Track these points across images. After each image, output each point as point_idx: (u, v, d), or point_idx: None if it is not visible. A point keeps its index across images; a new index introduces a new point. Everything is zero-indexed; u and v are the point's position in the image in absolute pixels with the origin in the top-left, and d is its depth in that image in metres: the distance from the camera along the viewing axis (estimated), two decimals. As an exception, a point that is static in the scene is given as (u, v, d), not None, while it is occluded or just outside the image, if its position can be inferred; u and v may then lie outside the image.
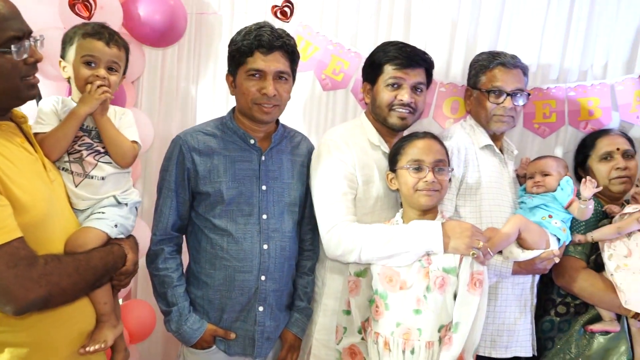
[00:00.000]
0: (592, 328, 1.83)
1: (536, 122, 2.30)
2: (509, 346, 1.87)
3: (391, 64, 1.85)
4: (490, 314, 1.85)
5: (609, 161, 1.99)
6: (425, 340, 1.61)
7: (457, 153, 1.87)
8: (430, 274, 1.63)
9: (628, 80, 2.23)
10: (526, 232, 1.75)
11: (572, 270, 1.86)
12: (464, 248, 1.60)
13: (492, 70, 1.94)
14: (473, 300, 1.59)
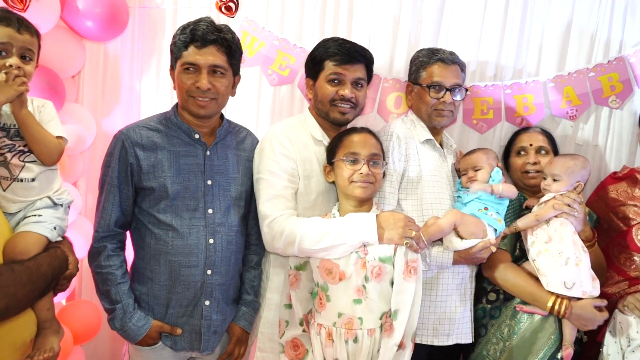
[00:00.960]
0: (523, 308, 1.92)
1: (475, 118, 2.40)
2: (450, 334, 1.95)
3: (331, 60, 1.89)
4: (432, 303, 1.93)
5: (522, 156, 2.09)
6: (367, 328, 1.66)
7: (397, 147, 1.93)
8: (367, 264, 1.67)
9: (558, 78, 2.35)
10: (462, 225, 1.83)
11: (496, 262, 1.95)
12: (397, 238, 1.66)
13: (432, 66, 2.00)
14: (409, 287, 1.65)
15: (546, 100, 2.37)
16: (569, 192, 1.91)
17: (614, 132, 2.38)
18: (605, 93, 2.34)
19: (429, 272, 1.92)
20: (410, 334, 1.66)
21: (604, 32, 2.35)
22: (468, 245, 1.83)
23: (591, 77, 2.33)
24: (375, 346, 1.66)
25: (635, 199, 2.04)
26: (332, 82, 1.89)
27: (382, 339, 1.64)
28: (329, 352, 1.68)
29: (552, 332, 1.87)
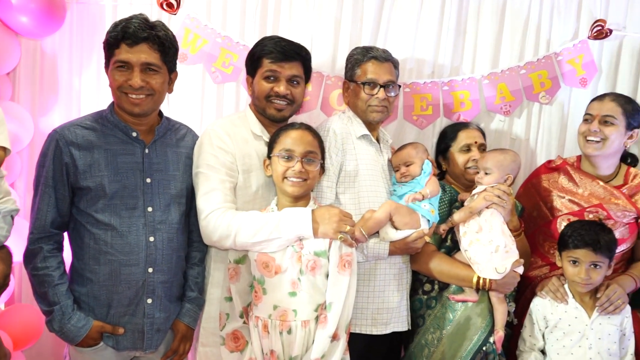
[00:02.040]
0: (454, 297, 2.01)
1: (415, 114, 2.48)
2: (388, 323, 2.02)
3: (267, 58, 1.92)
4: (370, 294, 1.99)
5: (467, 153, 2.16)
6: (301, 320, 1.70)
7: (334, 143, 1.98)
8: (303, 257, 1.71)
9: (492, 75, 2.47)
10: (397, 215, 1.89)
11: (424, 255, 2.03)
12: (332, 232, 1.70)
13: (366, 63, 2.05)
14: (343, 280, 1.69)
15: (481, 97, 2.48)
16: (499, 184, 2.00)
17: (544, 127, 2.52)
18: (535, 89, 2.47)
19: (367, 263, 1.98)
20: (344, 325, 1.70)
21: (533, 31, 2.47)
22: (403, 235, 1.90)
23: (522, 74, 2.46)
24: (310, 337, 1.70)
25: (564, 190, 2.16)
26: (268, 79, 1.93)
27: (316, 331, 1.68)
28: (265, 343, 1.72)
29: (485, 318, 1.97)
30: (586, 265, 1.86)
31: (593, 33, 2.44)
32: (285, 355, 1.71)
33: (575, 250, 1.88)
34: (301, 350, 1.69)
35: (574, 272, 1.89)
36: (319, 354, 1.65)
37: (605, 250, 1.85)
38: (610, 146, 2.06)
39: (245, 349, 1.82)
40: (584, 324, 1.89)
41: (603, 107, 2.07)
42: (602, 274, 1.87)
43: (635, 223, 2.07)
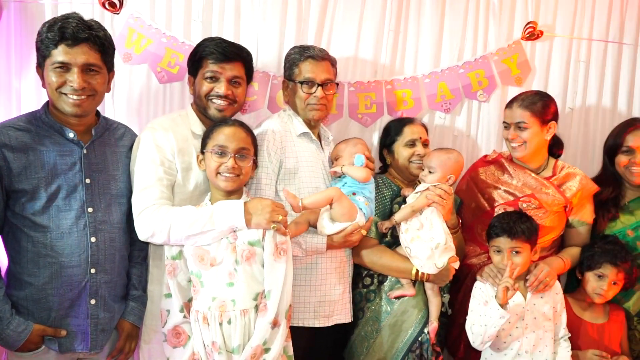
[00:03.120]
0: (392, 294, 2.08)
1: (359, 112, 2.54)
2: (330, 315, 2.07)
3: (209, 58, 1.95)
4: (312, 287, 2.04)
5: (412, 147, 2.22)
6: (240, 309, 1.72)
7: (273, 141, 2.02)
8: (237, 248, 1.74)
9: (433, 74, 2.56)
10: (338, 203, 1.93)
11: (365, 249, 2.10)
12: (265, 223, 1.73)
13: (303, 62, 2.10)
14: (279, 267, 1.73)
15: (423, 95, 2.56)
16: (441, 184, 2.08)
17: (484, 123, 2.63)
18: (474, 88, 2.58)
19: (307, 258, 2.02)
20: (283, 312, 1.73)
21: (471, 32, 2.58)
22: (339, 228, 1.95)
23: (461, 73, 2.56)
24: (250, 326, 1.72)
25: (500, 182, 2.26)
26: (209, 79, 1.96)
27: (257, 319, 1.71)
28: (206, 335, 1.73)
29: (420, 310, 2.05)
30: (507, 252, 1.97)
31: (525, 34, 2.57)
32: (227, 345, 1.72)
33: (496, 239, 2.00)
34: (242, 340, 1.71)
35: (498, 259, 2.00)
36: (260, 341, 1.68)
37: (522, 236, 1.95)
38: (531, 147, 2.18)
39: (187, 344, 1.83)
40: (520, 306, 1.99)
41: (514, 115, 2.17)
42: (525, 259, 1.97)
43: (564, 211, 2.19)
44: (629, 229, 2.20)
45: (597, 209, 2.25)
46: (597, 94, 2.67)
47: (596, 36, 2.64)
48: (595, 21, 2.64)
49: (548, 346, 1.97)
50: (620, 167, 2.22)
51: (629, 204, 2.25)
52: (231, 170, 1.78)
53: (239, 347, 1.71)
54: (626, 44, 2.65)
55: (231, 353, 1.71)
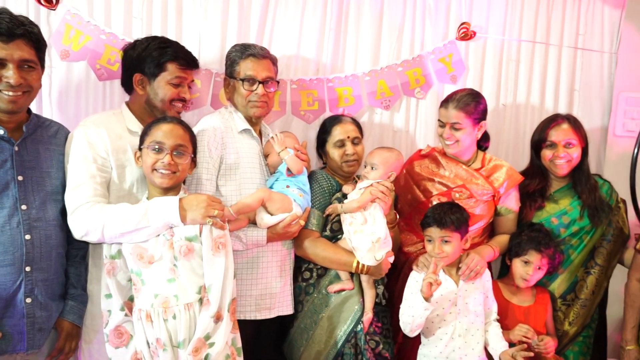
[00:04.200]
0: (332, 289, 2.14)
1: (302, 109, 2.60)
2: (272, 307, 2.11)
3: (176, 63, 2.00)
4: (253, 281, 2.08)
5: (341, 148, 2.26)
6: (184, 304, 1.74)
7: (214, 137, 2.04)
8: (175, 244, 1.75)
9: (372, 72, 2.64)
10: (270, 201, 2.00)
11: (307, 241, 2.15)
12: (200, 218, 1.74)
13: (244, 60, 2.13)
14: (219, 262, 1.76)
15: (363, 92, 2.64)
16: (383, 180, 2.16)
17: (421, 119, 2.74)
18: (411, 85, 2.68)
19: (250, 252, 2.07)
20: (226, 305, 1.75)
21: (408, 32, 2.68)
22: (277, 219, 2.01)
23: (399, 71, 2.66)
24: (195, 319, 1.74)
25: (434, 174, 2.37)
26: (175, 85, 2.00)
27: (200, 313, 1.73)
28: (149, 332, 1.74)
29: (357, 302, 2.12)
30: (438, 241, 2.07)
31: (460, 34, 2.70)
32: (173, 340, 1.73)
33: (428, 229, 2.10)
34: (188, 334, 1.72)
35: (430, 248, 2.10)
36: (202, 334, 1.71)
37: (452, 226, 2.05)
38: (464, 144, 2.29)
39: (130, 343, 1.82)
40: (453, 292, 2.10)
41: (449, 115, 2.26)
42: (455, 247, 2.07)
43: (492, 200, 2.32)
44: (553, 217, 2.35)
45: (525, 199, 2.39)
46: (527, 92, 2.83)
47: (525, 37, 2.80)
48: (524, 23, 2.79)
49: (479, 330, 2.08)
50: (545, 161, 2.36)
51: (554, 194, 2.40)
52: (167, 167, 1.78)
53: (184, 341, 1.72)
54: (552, 45, 2.82)
55: (177, 348, 1.72)
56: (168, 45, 2.03)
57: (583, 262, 2.35)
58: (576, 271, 2.35)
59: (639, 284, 2.27)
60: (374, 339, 2.15)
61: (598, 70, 2.87)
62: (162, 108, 2.01)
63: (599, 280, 2.34)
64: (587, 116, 2.86)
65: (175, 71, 1.99)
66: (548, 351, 2.14)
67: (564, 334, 2.31)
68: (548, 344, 2.13)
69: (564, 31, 2.82)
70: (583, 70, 2.85)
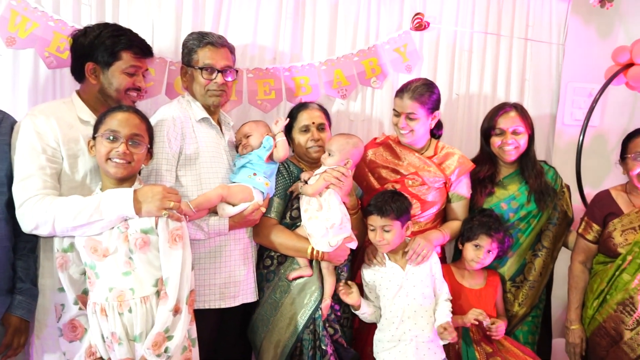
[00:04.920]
0: (291, 275, 2.17)
1: (259, 98, 2.60)
2: (236, 296, 2.13)
3: (131, 52, 1.96)
4: (216, 270, 2.08)
5: (306, 133, 2.29)
6: (140, 297, 1.71)
7: (173, 127, 2.02)
8: (130, 237, 1.72)
9: (329, 62, 2.67)
10: (229, 197, 2.01)
11: (265, 228, 2.18)
12: (155, 210, 1.71)
13: (202, 49, 2.11)
14: (176, 254, 1.72)
15: (320, 82, 2.67)
16: (339, 166, 2.18)
17: (377, 108, 2.78)
18: (367, 75, 2.72)
19: (213, 242, 2.07)
20: (184, 298, 1.73)
21: (364, 22, 2.71)
22: (239, 209, 2.02)
23: (355, 61, 2.69)
24: (152, 313, 1.72)
25: (388, 161, 2.42)
26: (130, 74, 1.97)
27: (158, 306, 1.71)
28: (104, 326, 1.71)
29: (316, 289, 2.15)
30: (379, 230, 2.13)
31: (414, 25, 2.75)
32: (129, 334, 1.71)
33: (369, 218, 2.16)
34: (145, 327, 1.70)
35: (372, 236, 2.16)
36: (161, 328, 1.68)
37: (392, 214, 2.11)
38: (418, 134, 2.34)
39: (84, 337, 1.80)
40: (401, 277, 2.16)
41: (404, 106, 2.29)
42: (395, 235, 2.13)
43: (444, 187, 2.39)
44: (502, 202, 2.44)
45: (475, 186, 2.46)
46: (479, 82, 2.91)
47: (477, 28, 2.87)
48: (476, 14, 2.86)
49: (428, 311, 2.14)
50: (494, 148, 2.44)
51: (503, 180, 2.48)
52: (122, 156, 1.74)
53: (141, 334, 1.70)
54: (503, 36, 2.90)
55: (133, 341, 1.71)
56: (122, 33, 1.98)
57: (531, 245, 2.44)
58: (524, 254, 2.44)
59: (582, 266, 2.38)
60: (333, 326, 2.19)
61: (547, 61, 2.97)
62: (117, 97, 1.97)
63: (545, 262, 2.44)
64: (537, 105, 2.97)
65: (130, 60, 1.95)
66: (499, 334, 2.22)
67: (513, 314, 2.41)
68: (500, 328, 2.22)
69: (514, 22, 2.91)
70: (533, 61, 2.95)
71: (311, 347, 2.13)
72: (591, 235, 2.33)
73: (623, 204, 2.29)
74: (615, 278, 2.24)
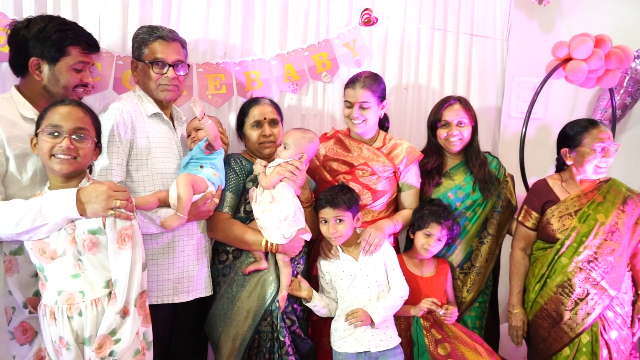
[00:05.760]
0: (247, 269, 2.18)
1: (209, 93, 2.60)
2: (190, 290, 2.12)
3: (78, 47, 1.92)
4: (170, 265, 2.08)
5: (258, 128, 2.30)
6: (90, 299, 1.67)
7: (123, 121, 1.99)
8: (77, 238, 1.66)
9: (280, 56, 2.69)
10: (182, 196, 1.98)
11: (219, 222, 2.19)
12: (101, 211, 1.65)
13: (153, 43, 2.09)
14: (125, 255, 1.68)
15: (271, 76, 2.68)
16: (293, 160, 2.20)
17: (329, 102, 2.83)
18: (318, 69, 2.76)
19: (165, 237, 2.06)
20: (132, 300, 1.69)
21: (314, 17, 2.74)
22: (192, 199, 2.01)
23: (306, 55, 2.72)
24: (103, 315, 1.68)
25: (338, 154, 2.47)
26: (78, 70, 1.93)
27: (107, 308, 1.67)
28: (53, 331, 1.67)
29: (272, 281, 2.17)
30: (332, 221, 2.18)
31: (363, 20, 2.80)
32: (79, 338, 1.67)
33: (321, 211, 2.20)
34: (95, 330, 1.66)
35: (324, 229, 2.21)
36: (107, 331, 1.64)
37: (344, 205, 2.17)
38: (370, 123, 2.41)
39: (34, 340, 1.76)
40: (354, 267, 2.21)
41: (357, 95, 2.35)
42: (348, 226, 2.19)
43: (394, 176, 2.46)
44: (449, 192, 2.52)
45: (424, 177, 2.54)
46: (427, 76, 2.99)
47: (424, 24, 2.95)
48: (423, 10, 2.94)
49: (380, 298, 2.21)
50: (440, 139, 2.52)
51: (450, 171, 2.57)
52: (66, 152, 1.67)
53: (90, 337, 1.66)
54: (449, 32, 2.99)
55: (82, 345, 1.67)
56: (69, 27, 1.92)
57: (477, 233, 2.54)
58: (471, 241, 2.53)
59: (522, 252, 2.48)
60: (290, 317, 2.21)
61: (491, 56, 3.08)
62: (64, 94, 1.91)
63: (491, 248, 2.54)
64: (483, 98, 3.08)
65: (78, 56, 1.91)
66: (452, 319, 2.30)
67: (462, 300, 2.50)
68: (453, 314, 2.30)
69: (460, 18, 3.00)
70: (478, 56, 3.05)
71: (269, 338, 2.16)
72: (530, 223, 2.43)
73: (559, 191, 2.40)
74: (554, 262, 2.34)
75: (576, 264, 2.28)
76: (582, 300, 2.27)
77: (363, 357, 2.15)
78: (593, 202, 2.33)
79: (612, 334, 2.29)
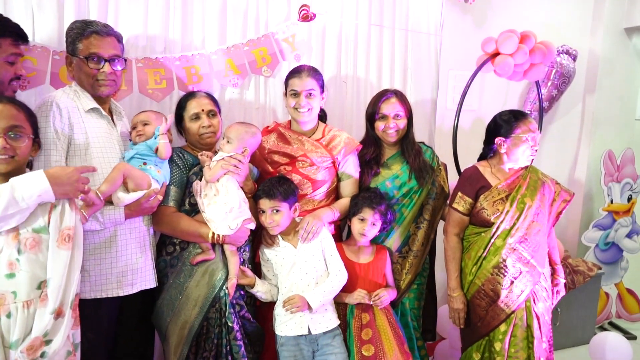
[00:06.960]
0: (195, 260, 2.22)
1: (149, 87, 2.60)
2: (134, 283, 2.14)
3: (10, 39, 1.90)
4: (113, 259, 2.09)
5: (197, 120, 2.33)
6: (22, 301, 1.64)
7: (59, 117, 1.98)
8: (20, 236, 1.65)
9: (219, 51, 2.72)
10: (130, 177, 2.01)
11: (165, 216, 2.21)
12: (73, 192, 1.68)
13: (88, 38, 2.08)
14: (63, 254, 1.66)
15: (211, 71, 2.71)
16: (236, 154, 2.25)
17: (270, 96, 2.88)
18: (258, 64, 2.81)
19: (107, 231, 2.07)
20: (68, 301, 1.68)
21: (253, 12, 2.79)
22: (135, 197, 2.03)
23: (246, 50, 2.77)
24: (33, 318, 1.65)
25: (279, 147, 2.54)
26: (11, 63, 1.91)
27: (38, 309, 1.64)
28: None
29: (220, 269, 2.22)
30: (269, 211, 2.27)
31: (301, 16, 2.87)
32: (5, 341, 1.63)
33: (259, 202, 2.29)
34: (23, 333, 1.63)
35: (262, 219, 2.30)
36: (40, 332, 1.62)
37: (280, 196, 2.26)
38: (315, 112, 2.51)
39: None
40: (293, 254, 2.30)
41: (304, 83, 2.44)
42: (284, 216, 2.28)
43: (333, 166, 2.56)
44: (387, 181, 2.64)
45: (363, 167, 2.65)
46: (365, 70, 3.09)
47: (361, 19, 3.05)
48: (360, 6, 3.03)
49: (319, 283, 2.30)
50: (378, 131, 2.63)
51: (387, 161, 2.69)
52: (2, 151, 1.65)
53: (17, 341, 1.62)
54: (385, 27, 3.10)
55: (8, 349, 1.62)
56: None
57: (414, 219, 2.67)
58: (409, 227, 2.66)
59: (457, 237, 2.61)
60: (239, 302, 2.27)
61: (426, 50, 3.22)
62: (0, 90, 1.89)
63: (427, 233, 2.68)
64: (419, 92, 3.22)
65: (10, 48, 1.88)
66: (383, 303, 2.41)
67: (402, 283, 2.62)
68: (383, 297, 2.41)
69: (395, 14, 3.11)
70: (413, 50, 3.18)
71: (217, 324, 2.21)
72: (464, 208, 2.57)
73: (490, 178, 2.56)
74: (490, 245, 2.49)
75: (509, 245, 2.44)
76: (517, 279, 2.43)
77: (303, 339, 2.24)
78: (520, 187, 2.50)
79: (539, 305, 2.47)
